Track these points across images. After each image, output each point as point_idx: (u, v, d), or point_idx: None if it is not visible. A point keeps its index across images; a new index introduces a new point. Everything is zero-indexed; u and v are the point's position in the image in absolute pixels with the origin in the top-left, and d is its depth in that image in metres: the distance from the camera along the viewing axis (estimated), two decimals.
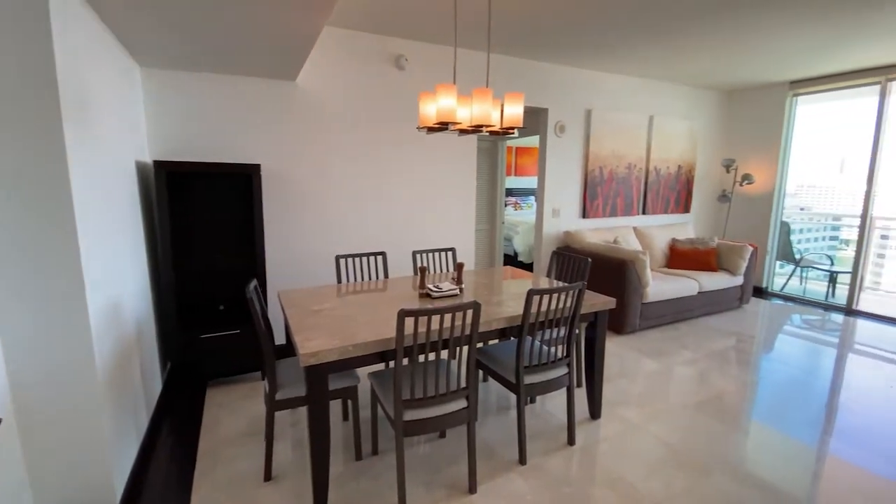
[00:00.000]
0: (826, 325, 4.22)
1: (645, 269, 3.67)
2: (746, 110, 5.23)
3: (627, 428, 2.35)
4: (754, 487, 1.90)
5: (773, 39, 3.41)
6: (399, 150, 3.49)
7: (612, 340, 3.64)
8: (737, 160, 5.24)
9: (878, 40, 3.40)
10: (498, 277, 2.82)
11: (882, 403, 2.68)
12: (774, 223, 5.10)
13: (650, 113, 4.80)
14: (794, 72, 4.41)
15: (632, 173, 4.77)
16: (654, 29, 3.16)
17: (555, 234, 4.43)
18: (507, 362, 2.13)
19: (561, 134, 4.27)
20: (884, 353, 3.52)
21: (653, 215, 5.05)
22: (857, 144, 4.51)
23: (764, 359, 3.36)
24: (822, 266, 5.14)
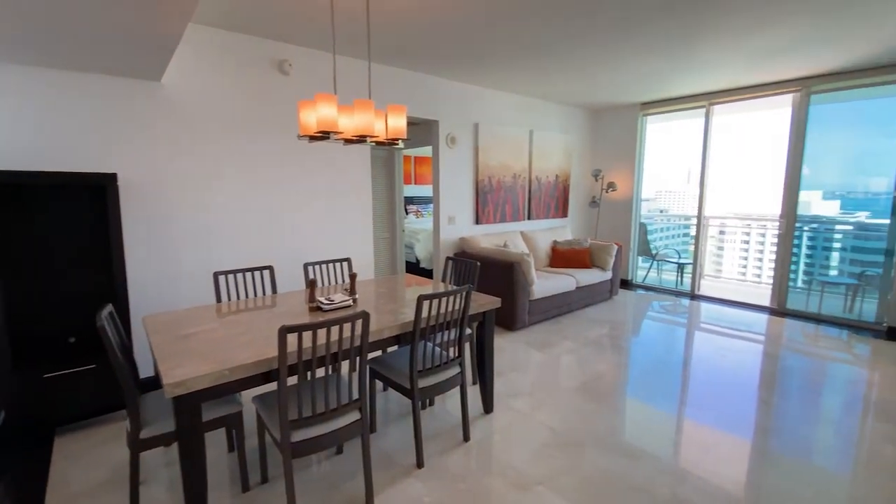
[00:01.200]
0: (677, 308, 5.00)
1: (530, 269, 3.99)
2: (608, 127, 6.01)
3: (518, 418, 2.53)
4: (624, 455, 2.18)
5: (625, 68, 3.98)
6: (288, 158, 3.34)
7: (504, 337, 3.89)
8: (603, 170, 5.99)
9: (702, 72, 4.16)
10: (397, 285, 2.85)
11: (717, 370, 3.26)
12: (634, 224, 5.92)
13: (530, 127, 5.26)
14: (643, 95, 5.18)
15: (517, 182, 5.17)
16: (531, 52, 3.48)
17: (451, 240, 4.61)
18: (401, 369, 2.16)
19: (452, 145, 4.46)
20: (718, 328, 4.30)
21: (537, 220, 5.52)
22: (695, 156, 5.44)
23: (632, 342, 3.88)
24: (672, 259, 6.09)
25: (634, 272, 6.07)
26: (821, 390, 2.94)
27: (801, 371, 3.25)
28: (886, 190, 4.13)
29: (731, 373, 3.21)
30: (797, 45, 3.34)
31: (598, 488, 1.94)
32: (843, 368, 3.32)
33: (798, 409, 2.67)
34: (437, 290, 2.06)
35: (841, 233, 5.58)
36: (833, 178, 6.20)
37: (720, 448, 2.26)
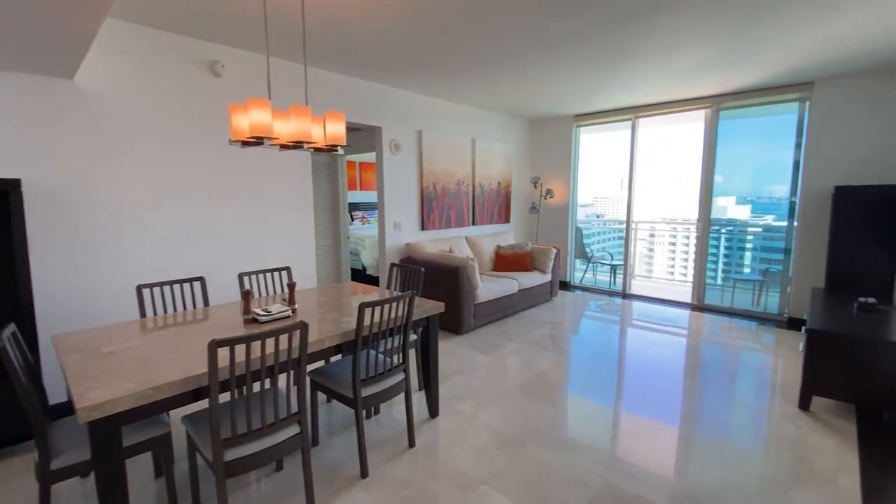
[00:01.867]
0: (611, 307, 5.33)
1: (474, 273, 4.09)
2: (545, 136, 6.30)
3: (462, 420, 2.58)
4: (562, 449, 2.29)
5: (561, 81, 4.20)
6: (221, 164, 3.19)
7: (450, 341, 3.95)
8: (541, 178, 6.27)
9: (628, 87, 4.49)
10: (341, 294, 2.81)
11: (646, 363, 3.51)
12: (571, 229, 6.24)
13: (473, 136, 5.40)
14: (577, 108, 5.50)
15: (461, 189, 5.28)
16: (474, 65, 3.58)
17: (397, 246, 4.60)
18: (344, 378, 2.13)
19: (396, 152, 4.48)
20: (647, 324, 4.63)
21: (481, 225, 5.66)
22: (625, 165, 5.84)
23: (571, 340, 4.08)
24: (606, 261, 6.47)
25: (572, 274, 6.39)
26: (735, 377, 3.26)
27: (717, 360, 3.59)
28: (786, 196, 4.68)
29: (658, 365, 3.47)
30: (707, 65, 3.72)
31: (537, 483, 2.03)
32: (752, 356, 3.70)
33: (716, 395, 2.94)
34: (381, 297, 2.06)
35: (750, 234, 6.22)
36: (743, 185, 6.90)
37: (649, 435, 2.44)
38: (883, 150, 3.90)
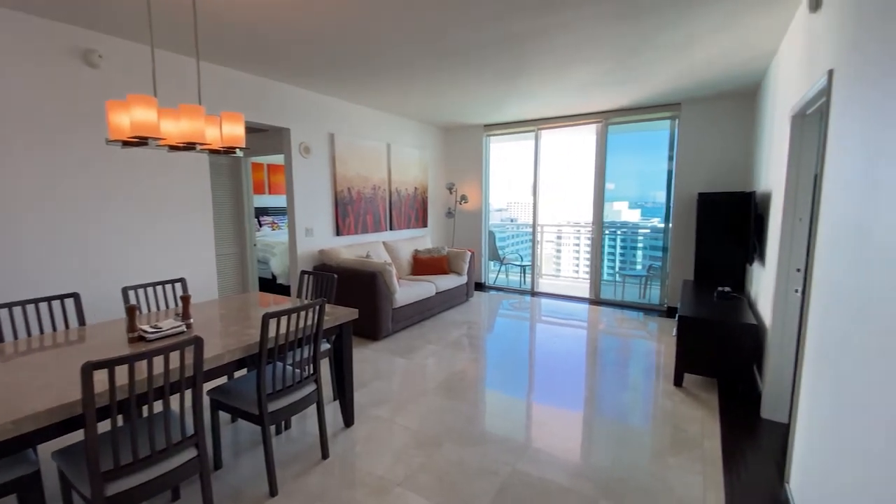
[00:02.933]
0: (521, 305, 5.66)
1: (392, 278, 4.10)
2: (458, 144, 6.53)
3: (379, 426, 2.57)
4: (475, 444, 2.39)
5: (468, 91, 4.39)
6: (101, 165, 2.83)
7: (368, 347, 3.91)
8: (456, 183, 6.47)
9: (530, 101, 4.82)
10: (247, 305, 2.64)
11: (552, 354, 3.79)
12: (484, 232, 6.53)
13: (388, 141, 5.41)
14: (485, 118, 5.78)
15: (377, 193, 5.25)
16: (382, 70, 3.59)
17: (310, 252, 4.44)
18: (248, 394, 2.02)
19: (307, 155, 4.33)
20: (553, 319, 5.00)
21: (399, 230, 5.68)
22: (531, 173, 6.24)
23: (487, 338, 4.27)
24: (516, 262, 6.87)
25: (487, 275, 6.68)
26: (626, 363, 3.66)
27: (612, 348, 4.00)
28: (663, 201, 5.36)
29: (562, 356, 3.77)
30: (596, 84, 4.14)
31: (451, 478, 2.10)
32: (639, 343, 4.19)
33: (610, 379, 3.28)
34: (288, 307, 1.98)
35: (637, 235, 7.01)
36: (631, 191, 7.74)
37: (555, 422, 2.65)
38: (734, 162, 4.66)
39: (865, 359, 1.26)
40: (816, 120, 2.39)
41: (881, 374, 1.15)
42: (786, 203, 2.51)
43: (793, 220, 2.50)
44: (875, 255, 1.24)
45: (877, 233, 1.24)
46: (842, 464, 1.39)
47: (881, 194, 1.21)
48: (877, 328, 1.19)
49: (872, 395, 1.20)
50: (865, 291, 1.29)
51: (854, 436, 1.30)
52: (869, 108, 1.34)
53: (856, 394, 1.31)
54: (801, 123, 2.43)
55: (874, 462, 1.16)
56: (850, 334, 1.39)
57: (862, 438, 1.25)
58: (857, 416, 1.29)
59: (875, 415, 1.17)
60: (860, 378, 1.29)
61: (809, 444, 1.75)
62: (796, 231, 2.49)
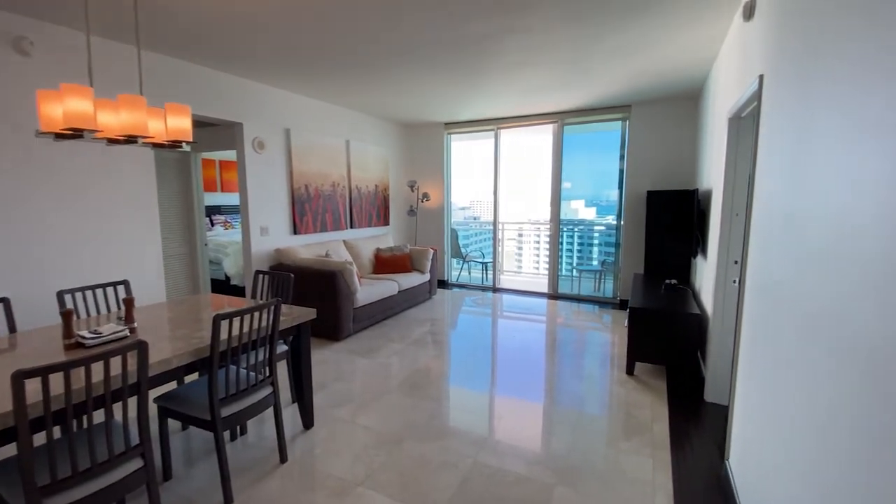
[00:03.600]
0: (483, 301, 5.74)
1: (352, 277, 4.04)
2: (420, 142, 6.52)
3: (339, 427, 2.54)
4: (437, 439, 2.41)
5: (428, 91, 4.39)
6: (33, 159, 2.61)
7: (329, 348, 3.84)
8: (418, 181, 6.46)
9: (489, 101, 4.89)
10: (197, 307, 2.52)
11: (514, 348, 3.88)
12: (447, 230, 6.56)
13: (347, 138, 5.32)
14: (446, 116, 5.80)
15: (336, 191, 5.16)
16: (339, 64, 3.53)
17: (265, 252, 4.30)
18: (199, 400, 1.93)
19: (261, 150, 4.18)
20: (513, 314, 5.10)
21: (359, 228, 5.60)
22: (492, 171, 6.32)
23: (450, 335, 4.30)
24: (478, 260, 6.96)
25: (449, 273, 6.72)
26: (582, 354, 3.80)
27: (569, 340, 4.14)
28: (616, 199, 5.60)
29: (522, 350, 3.87)
30: (551, 86, 4.26)
31: (412, 475, 2.11)
32: (595, 334, 4.36)
33: (567, 370, 3.39)
34: (241, 308, 1.92)
35: (592, 232, 7.28)
36: (586, 189, 8.01)
37: (515, 413, 2.72)
38: (680, 162, 4.94)
39: (792, 344, 1.38)
40: (750, 122, 2.58)
41: (807, 359, 1.26)
42: (724, 199, 2.69)
43: (730, 216, 2.68)
44: (800, 245, 1.36)
45: (800, 223, 1.36)
46: (773, 442, 1.51)
47: (805, 188, 1.33)
48: (802, 313, 1.31)
49: (799, 379, 1.31)
50: (792, 280, 1.41)
51: (782, 415, 1.42)
52: (793, 108, 1.47)
53: (784, 378, 1.44)
54: (737, 125, 2.61)
55: (800, 440, 1.27)
56: (778, 320, 1.52)
57: (789, 418, 1.36)
58: (785, 398, 1.41)
59: (800, 397, 1.29)
60: (788, 362, 1.41)
61: (745, 424, 1.89)
62: (734, 225, 2.68)
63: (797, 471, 1.26)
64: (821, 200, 1.20)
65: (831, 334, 1.08)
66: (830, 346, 1.08)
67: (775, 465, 1.46)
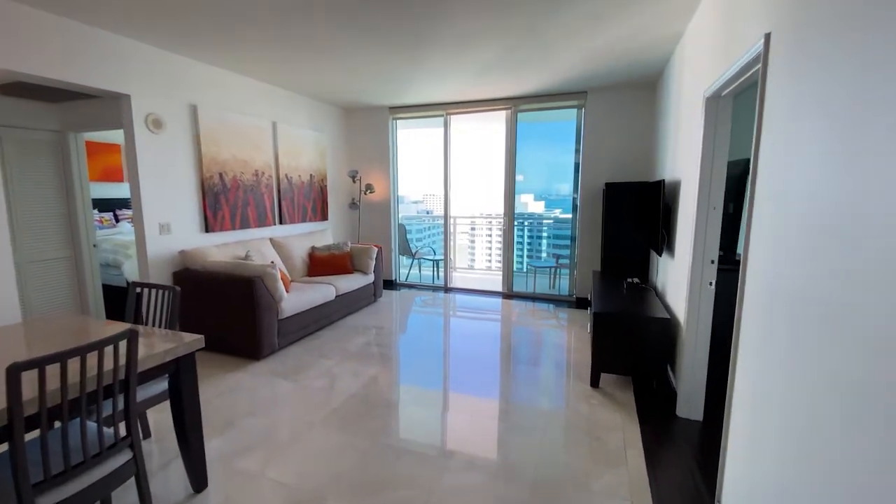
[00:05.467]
0: (435, 302, 5.27)
1: (276, 282, 3.40)
2: (362, 128, 5.88)
3: (243, 486, 1.96)
4: (376, 492, 1.89)
5: (364, 68, 3.79)
6: None
7: (245, 370, 3.19)
8: (360, 171, 5.83)
9: (437, 81, 4.37)
10: (57, 331, 1.82)
11: (467, 358, 3.43)
12: (394, 225, 6.00)
13: (273, 119, 4.60)
14: (391, 99, 5.22)
15: (261, 181, 4.44)
16: (252, 28, 2.86)
17: (167, 255, 3.54)
18: (2, 487, 1.29)
19: (157, 130, 3.41)
20: (467, 316, 4.67)
21: (292, 224, 4.91)
22: (441, 161, 5.82)
23: (397, 343, 3.83)
24: (429, 257, 6.47)
25: (397, 272, 6.18)
26: (543, 362, 3.42)
27: (528, 347, 3.76)
28: (570, 192, 5.30)
29: (479, 359, 3.45)
30: (501, 64, 3.81)
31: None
32: (554, 339, 4.02)
33: (529, 384, 2.99)
34: (63, 349, 1.29)
35: (546, 226, 7.01)
36: (540, 182, 7.74)
37: (470, 445, 2.26)
38: (638, 152, 4.70)
39: (837, 369, 1.00)
40: (730, 102, 2.26)
41: (845, 380, 0.88)
42: (700, 190, 2.37)
43: (707, 209, 2.36)
44: (847, 250, 0.97)
45: (846, 224, 0.97)
46: (800, 495, 1.14)
47: (861, 180, 0.94)
48: (852, 334, 0.93)
49: (847, 419, 0.93)
50: (825, 287, 1.03)
51: (812, 460, 1.05)
52: (833, 72, 1.08)
53: (816, 412, 1.06)
54: (716, 106, 2.28)
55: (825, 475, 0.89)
56: (805, 338, 1.14)
57: (825, 465, 0.99)
58: (816, 440, 1.04)
59: (834, 417, 0.91)
60: (827, 390, 1.03)
61: (748, 464, 1.54)
62: (711, 220, 2.36)
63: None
64: (886, 198, 0.81)
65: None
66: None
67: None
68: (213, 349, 3.49)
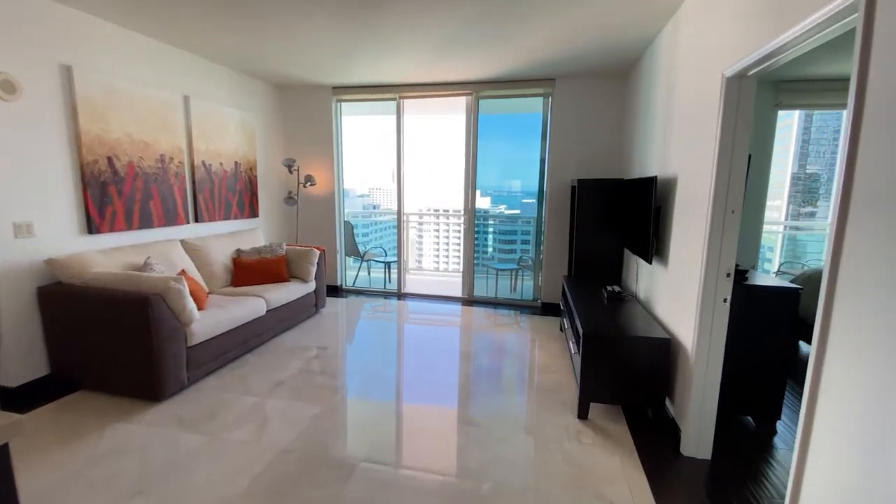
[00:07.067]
0: (388, 311, 4.66)
1: (183, 300, 2.63)
2: (300, 109, 5.09)
3: None
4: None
5: (300, 33, 3.08)
6: None
7: (140, 419, 2.40)
8: (298, 160, 5.04)
9: (388, 55, 3.73)
10: None
11: (428, 370, 2.91)
12: (339, 223, 5.28)
13: (185, 92, 3.72)
14: (334, 77, 4.50)
15: (169, 168, 3.57)
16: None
17: (28, 265, 2.64)
18: None
19: (9, 96, 2.50)
20: (424, 329, 4.11)
21: (211, 223, 4.06)
22: (394, 151, 5.17)
23: (349, 364, 3.26)
24: (380, 259, 5.81)
25: (344, 276, 5.48)
26: (519, 387, 2.96)
27: (497, 360, 3.29)
28: (536, 189, 4.89)
29: (443, 378, 3.00)
30: (463, 40, 3.27)
31: None
32: (523, 348, 3.60)
33: (507, 420, 2.49)
34: None
35: (509, 225, 6.61)
36: (503, 178, 7.30)
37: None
38: (608, 148, 4.36)
39: None
40: (755, 84, 1.87)
41: None
42: (716, 191, 1.97)
43: (724, 213, 1.98)
44: None
45: None
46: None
47: None
48: None
49: None
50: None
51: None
52: None
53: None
54: (738, 88, 1.89)
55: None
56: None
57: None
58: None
59: None
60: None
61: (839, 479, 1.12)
62: (728, 226, 1.98)
63: None
64: None
65: None
66: None
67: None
68: (97, 389, 2.67)
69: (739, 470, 2.09)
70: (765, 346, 2.34)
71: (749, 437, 2.36)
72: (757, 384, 2.38)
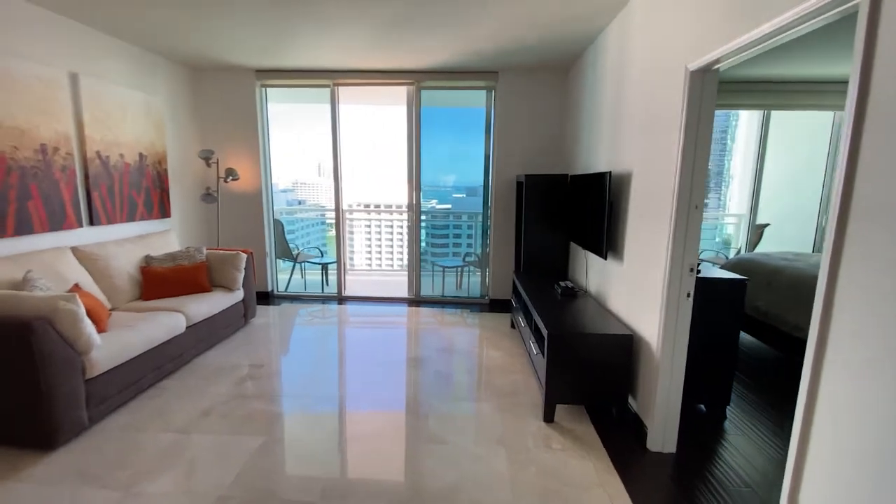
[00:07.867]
0: (326, 318, 4.30)
1: (77, 323, 2.13)
2: (218, 94, 4.50)
3: None
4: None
5: (222, 12, 2.65)
6: None
7: (29, 476, 1.89)
8: (217, 152, 4.46)
9: (321, 36, 3.38)
10: None
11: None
12: (268, 221, 4.79)
13: (73, 69, 3.07)
14: (258, 58, 4.02)
15: (52, 161, 2.92)
16: None
17: None
18: None
19: None
20: (367, 336, 3.84)
21: (111, 225, 3.43)
22: (328, 145, 4.76)
23: (286, 374, 3.04)
24: (315, 259, 5.39)
25: (275, 280, 4.99)
26: (478, 392, 2.83)
27: (451, 363, 3.15)
28: (480, 185, 4.79)
29: (391, 378, 2.95)
30: (404, 21, 3.04)
31: None
32: (477, 348, 3.48)
33: (464, 409, 2.35)
34: None
35: (455, 221, 6.47)
36: (444, 174, 7.13)
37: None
38: (551, 143, 4.37)
39: None
40: (717, 79, 1.87)
41: None
42: (680, 186, 1.96)
43: (688, 209, 1.98)
44: None
45: None
46: None
47: None
48: None
49: None
50: None
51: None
52: None
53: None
54: (701, 82, 1.88)
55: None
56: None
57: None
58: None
59: None
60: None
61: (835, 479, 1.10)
62: (692, 222, 1.98)
63: None
64: None
65: None
66: None
67: None
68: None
69: (702, 459, 2.13)
70: (714, 335, 2.42)
71: (703, 425, 2.44)
72: (708, 372, 2.45)
